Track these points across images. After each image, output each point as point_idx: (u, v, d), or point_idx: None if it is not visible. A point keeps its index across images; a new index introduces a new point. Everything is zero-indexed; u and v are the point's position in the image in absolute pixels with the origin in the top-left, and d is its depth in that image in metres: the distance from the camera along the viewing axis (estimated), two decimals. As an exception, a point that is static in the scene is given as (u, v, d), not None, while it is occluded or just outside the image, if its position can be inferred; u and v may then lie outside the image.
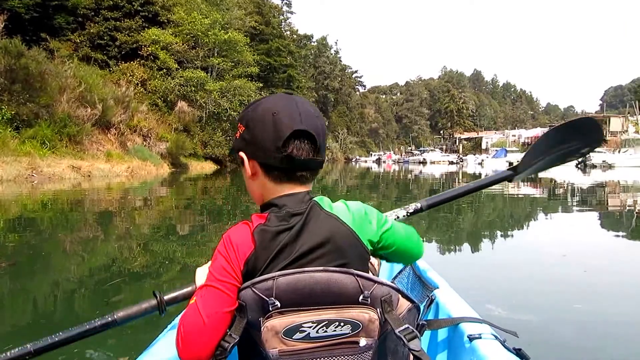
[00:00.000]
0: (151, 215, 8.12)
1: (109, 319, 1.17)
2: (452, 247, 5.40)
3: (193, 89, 29.78)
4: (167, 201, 10.71)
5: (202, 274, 1.11)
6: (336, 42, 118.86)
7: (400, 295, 1.04)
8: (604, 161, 32.40)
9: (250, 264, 0.97)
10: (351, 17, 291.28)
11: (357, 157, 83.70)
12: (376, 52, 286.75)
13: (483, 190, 14.24)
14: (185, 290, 1.21)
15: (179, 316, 1.10)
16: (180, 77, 29.44)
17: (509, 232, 6.59)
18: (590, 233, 6.45)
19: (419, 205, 1.54)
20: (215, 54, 32.26)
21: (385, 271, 1.97)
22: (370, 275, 0.97)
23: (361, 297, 0.95)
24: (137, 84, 27.73)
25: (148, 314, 1.21)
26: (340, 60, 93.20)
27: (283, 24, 58.02)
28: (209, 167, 29.55)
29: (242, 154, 1.06)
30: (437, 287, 1.54)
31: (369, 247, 1.05)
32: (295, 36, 63.36)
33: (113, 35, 29.04)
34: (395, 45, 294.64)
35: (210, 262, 1.08)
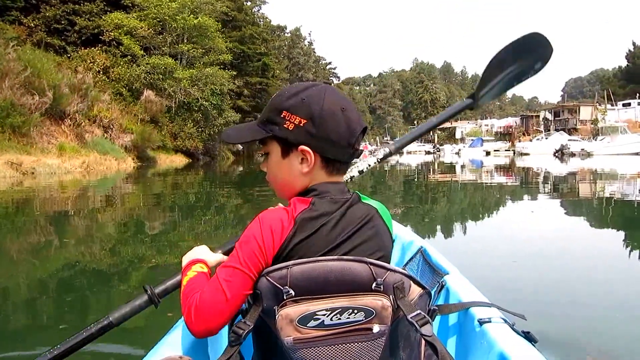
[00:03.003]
0: (109, 220, 6.68)
1: (105, 322, 1.18)
2: (449, 235, 5.44)
3: (161, 77, 27.83)
4: (130, 200, 9.15)
5: (191, 256, 1.20)
6: (310, 34, 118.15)
7: (412, 282, 1.04)
8: (582, 149, 32.08)
9: (288, 246, 0.97)
10: (323, 9, 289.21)
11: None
12: (349, 44, 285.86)
13: (472, 180, 13.58)
14: (175, 279, 1.22)
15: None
16: (147, 64, 27.43)
17: (505, 219, 6.62)
18: (587, 219, 6.52)
19: (387, 150, 1.60)
20: (185, 40, 30.33)
21: (395, 258, 1.90)
22: (382, 263, 0.98)
23: (374, 285, 0.95)
24: (99, 72, 25.62)
25: (143, 309, 1.22)
26: (314, 52, 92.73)
27: (256, 12, 55.99)
28: (180, 160, 27.74)
29: (306, 147, 1.04)
30: (448, 273, 1.55)
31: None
32: (269, 28, 61.35)
33: (72, 19, 26.89)
34: (368, 37, 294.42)
35: (197, 250, 1.22)
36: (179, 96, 28.79)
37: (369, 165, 1.55)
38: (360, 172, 1.55)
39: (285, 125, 1.04)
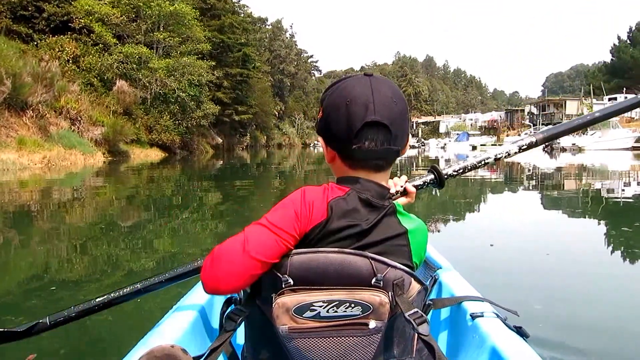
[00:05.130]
0: (72, 221, 5.76)
1: (191, 266, 1.28)
2: (441, 230, 5.35)
3: (135, 66, 26.40)
4: (97, 199, 7.99)
5: None
6: (291, 26, 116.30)
7: (412, 279, 1.02)
8: (573, 144, 31.69)
9: (318, 230, 0.97)
10: (305, 2, 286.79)
11: (315, 142, 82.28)
12: (331, 37, 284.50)
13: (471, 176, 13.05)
14: None
15: (182, 298, 1.30)
16: (120, 53, 25.96)
17: (499, 216, 6.57)
18: (581, 216, 6.48)
19: (533, 139, 1.45)
20: (161, 28, 28.93)
21: None
22: (384, 258, 0.96)
23: (374, 280, 0.94)
24: (68, 61, 24.03)
25: None
26: (296, 45, 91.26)
27: (236, 2, 54.38)
28: (155, 154, 26.32)
29: (320, 138, 1.08)
30: (441, 268, 1.58)
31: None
32: (249, 19, 59.74)
33: (39, 5, 25.12)
34: (350, 30, 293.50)
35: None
36: (154, 87, 27.38)
37: (508, 153, 1.43)
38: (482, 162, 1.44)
39: (319, 115, 1.08)
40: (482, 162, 1.43)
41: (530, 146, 1.43)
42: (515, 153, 1.44)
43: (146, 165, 19.41)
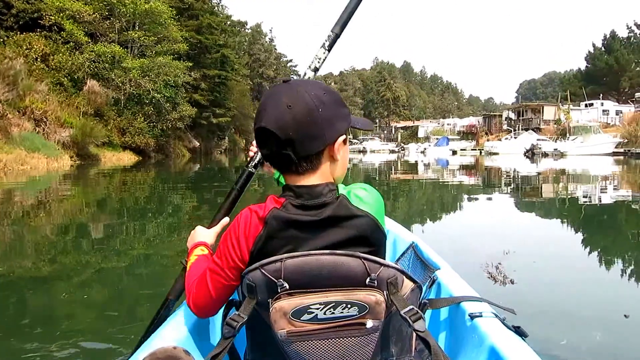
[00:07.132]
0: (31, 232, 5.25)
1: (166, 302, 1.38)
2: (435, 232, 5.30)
3: (107, 66, 25.31)
4: (62, 207, 7.22)
5: (192, 241, 1.35)
6: (271, 30, 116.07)
7: (404, 277, 1.03)
8: (555, 149, 31.61)
9: (259, 245, 0.98)
10: (285, 6, 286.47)
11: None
12: (310, 42, 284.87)
13: (449, 180, 12.58)
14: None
15: (185, 300, 1.24)
16: (91, 51, 24.84)
17: (493, 217, 6.50)
18: (575, 219, 6.37)
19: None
20: (135, 27, 27.88)
21: (388, 253, 1.76)
22: (376, 258, 0.97)
23: (368, 280, 0.94)
24: (36, 59, 22.83)
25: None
26: (275, 49, 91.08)
27: (217, 3, 53.52)
28: (128, 158, 25.16)
29: None
30: (439, 268, 1.55)
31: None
32: (228, 20, 58.84)
33: (8, 1, 23.94)
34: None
35: (207, 229, 1.39)
36: (127, 87, 26.26)
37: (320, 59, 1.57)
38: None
39: None
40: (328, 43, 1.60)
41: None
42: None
43: (118, 169, 18.53)
